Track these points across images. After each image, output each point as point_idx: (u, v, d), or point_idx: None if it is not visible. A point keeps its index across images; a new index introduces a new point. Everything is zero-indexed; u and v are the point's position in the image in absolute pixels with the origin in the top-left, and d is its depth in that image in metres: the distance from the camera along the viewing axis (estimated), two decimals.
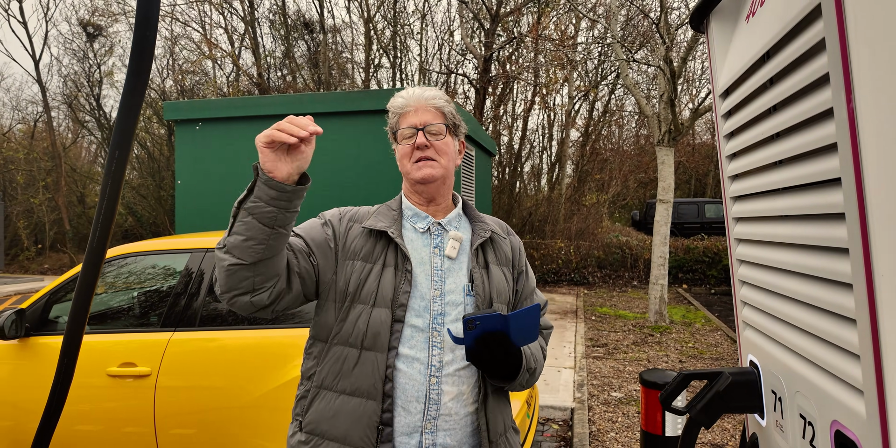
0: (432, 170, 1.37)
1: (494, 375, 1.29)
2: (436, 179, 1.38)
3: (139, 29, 0.90)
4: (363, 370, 1.28)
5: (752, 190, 1.18)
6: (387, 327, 1.29)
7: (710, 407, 1.24)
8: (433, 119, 1.39)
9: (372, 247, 1.35)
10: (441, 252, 1.38)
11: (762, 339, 1.21)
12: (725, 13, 1.32)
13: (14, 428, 2.79)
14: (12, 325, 2.72)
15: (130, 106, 0.90)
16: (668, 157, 7.36)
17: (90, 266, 0.96)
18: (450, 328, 1.28)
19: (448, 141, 1.41)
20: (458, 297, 1.35)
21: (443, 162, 1.39)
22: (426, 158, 1.37)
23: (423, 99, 1.40)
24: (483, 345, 1.20)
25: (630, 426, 3.95)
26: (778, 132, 1.03)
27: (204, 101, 5.34)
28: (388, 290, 1.30)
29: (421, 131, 1.37)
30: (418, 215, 1.42)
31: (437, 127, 1.39)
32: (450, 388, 1.30)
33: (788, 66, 0.95)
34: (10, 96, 30.19)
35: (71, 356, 0.98)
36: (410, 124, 1.38)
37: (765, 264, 1.15)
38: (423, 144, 1.36)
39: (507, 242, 1.50)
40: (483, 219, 1.48)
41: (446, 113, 1.42)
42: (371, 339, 1.28)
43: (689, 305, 9.23)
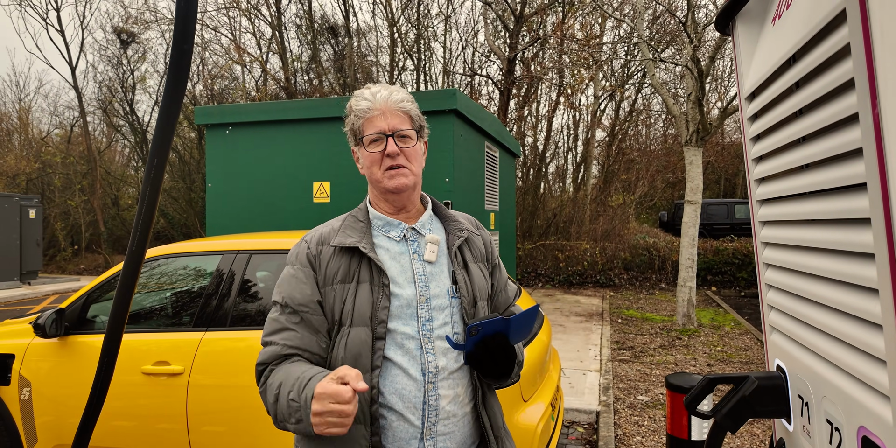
0: (405, 179, 1.32)
1: (491, 375, 1.28)
2: (408, 188, 1.34)
3: (177, 42, 0.93)
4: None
5: (779, 193, 1.17)
6: (368, 346, 1.25)
7: (735, 411, 1.23)
8: (401, 124, 1.33)
9: (347, 265, 1.30)
10: (420, 257, 1.35)
11: (789, 343, 1.21)
12: (752, 15, 1.31)
13: (55, 422, 2.89)
14: (53, 323, 2.83)
15: (169, 115, 0.94)
16: (697, 157, 7.26)
17: (130, 269, 1.00)
18: (448, 336, 1.23)
19: (416, 146, 1.36)
20: (443, 301, 1.32)
21: (414, 169, 1.34)
22: (398, 166, 1.32)
23: (391, 102, 1.32)
24: (484, 348, 1.21)
25: (656, 430, 3.91)
26: (804, 136, 1.03)
27: (234, 106, 5.46)
28: (366, 308, 1.26)
29: (391, 138, 1.31)
30: (390, 224, 1.37)
31: (408, 132, 1.33)
32: (446, 392, 1.28)
33: (814, 70, 0.95)
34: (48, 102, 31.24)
35: (111, 355, 1.02)
36: (378, 129, 1.31)
37: (791, 268, 1.14)
38: (395, 152, 1.31)
39: (479, 238, 1.48)
40: (455, 217, 1.45)
41: (413, 116, 1.36)
42: (352, 361, 1.24)
43: (719, 308, 9.07)
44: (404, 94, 1.36)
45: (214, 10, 17.08)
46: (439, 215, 1.47)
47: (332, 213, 4.92)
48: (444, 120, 4.64)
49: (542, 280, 12.09)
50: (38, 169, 18.09)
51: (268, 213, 5.20)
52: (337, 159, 4.99)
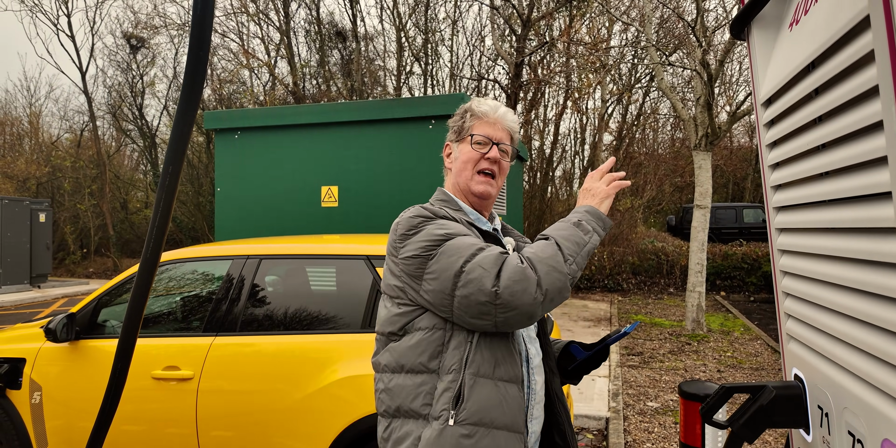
0: (490, 188, 1.42)
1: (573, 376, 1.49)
2: (491, 197, 1.44)
3: (193, 49, 0.93)
4: (515, 357, 1.30)
5: (797, 201, 1.16)
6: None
7: (753, 421, 1.22)
8: (506, 139, 1.45)
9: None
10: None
11: (808, 352, 1.19)
12: (767, 21, 1.30)
13: (66, 426, 2.90)
14: (63, 328, 2.84)
15: (184, 123, 0.94)
16: (706, 161, 7.22)
17: (144, 276, 1.00)
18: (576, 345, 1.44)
19: (507, 165, 1.48)
20: None
21: (499, 183, 1.45)
22: (490, 174, 1.42)
23: (506, 118, 1.45)
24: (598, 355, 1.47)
25: (667, 437, 3.87)
26: (823, 143, 1.02)
27: (242, 111, 5.48)
28: None
29: (496, 146, 1.42)
30: (480, 220, 1.46)
31: (509, 148, 1.45)
32: (538, 378, 1.37)
33: (835, 77, 0.93)
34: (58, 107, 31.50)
35: (124, 361, 1.02)
36: (488, 134, 1.42)
37: (810, 277, 1.12)
38: (496, 158, 1.41)
39: None
40: (512, 231, 1.57)
41: (514, 139, 1.49)
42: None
43: (728, 313, 9.00)
44: (515, 117, 1.50)
45: (223, 16, 17.20)
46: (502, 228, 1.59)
47: (340, 217, 4.93)
48: None
49: None
50: (48, 173, 18.24)
51: (276, 218, 5.21)
52: (345, 163, 5.00)
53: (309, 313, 2.80)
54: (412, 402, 1.25)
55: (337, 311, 2.77)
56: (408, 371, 1.27)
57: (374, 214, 4.78)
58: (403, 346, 1.29)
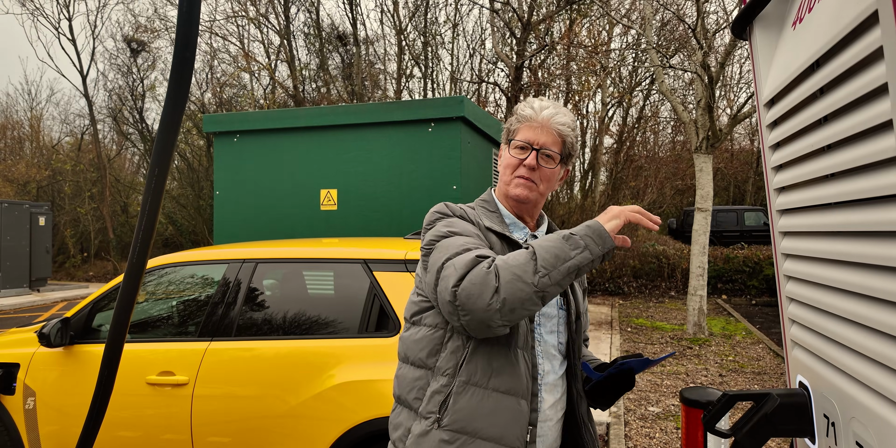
0: (528, 192, 1.36)
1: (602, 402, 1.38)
2: (529, 201, 1.38)
3: (179, 49, 0.91)
4: (518, 369, 1.26)
5: (802, 203, 1.13)
6: (527, 326, 1.30)
7: (756, 430, 1.18)
8: (551, 144, 1.36)
9: (500, 246, 1.35)
10: None
11: (813, 359, 1.16)
12: (770, 20, 1.27)
13: (60, 432, 2.87)
14: (58, 333, 2.81)
15: (170, 124, 0.91)
16: (707, 164, 7.19)
17: (131, 279, 0.97)
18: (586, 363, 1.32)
19: (555, 170, 1.39)
20: (552, 310, 1.37)
21: (542, 188, 1.38)
22: (528, 179, 1.36)
23: (552, 121, 1.36)
24: (611, 381, 1.33)
25: (668, 442, 3.83)
26: (829, 144, 0.99)
27: (242, 114, 5.46)
28: None
29: (536, 152, 1.35)
30: (516, 224, 1.43)
31: (552, 154, 1.36)
32: (548, 397, 1.33)
33: (841, 75, 0.90)
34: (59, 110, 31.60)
35: (111, 367, 0.99)
36: (527, 139, 1.36)
37: (816, 281, 1.09)
38: (533, 166, 1.35)
39: None
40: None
41: (567, 142, 1.39)
42: (523, 338, 1.29)
43: (730, 317, 8.96)
44: (568, 119, 1.38)
45: (223, 19, 17.23)
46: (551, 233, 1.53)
47: (339, 220, 4.90)
48: (452, 127, 4.62)
49: None
50: (48, 176, 18.24)
51: (275, 221, 5.18)
52: (344, 167, 4.98)
53: (306, 318, 2.77)
54: (408, 393, 1.31)
55: (334, 315, 2.74)
56: (411, 363, 1.33)
57: (374, 218, 4.75)
58: (410, 339, 1.34)
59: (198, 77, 16.82)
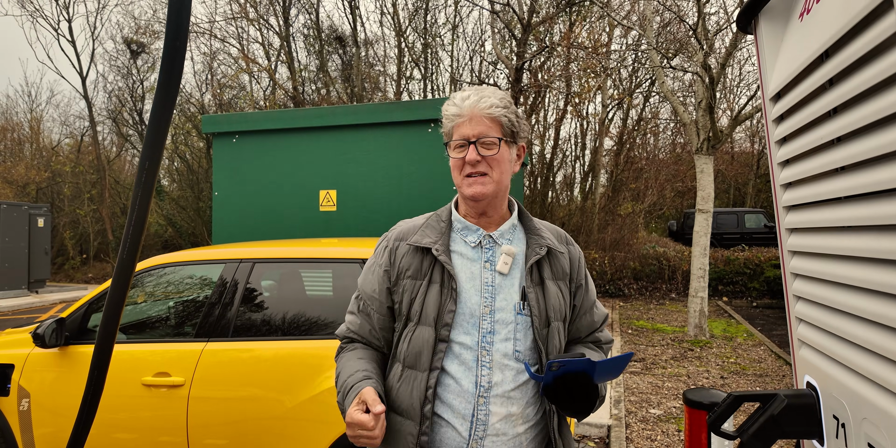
0: (483, 187, 1.29)
1: (568, 410, 1.23)
2: (486, 197, 1.30)
3: (170, 40, 0.88)
4: (404, 388, 1.28)
5: (809, 199, 1.10)
6: (430, 346, 1.26)
7: (763, 431, 1.16)
8: (488, 131, 1.29)
9: (420, 263, 1.32)
10: (492, 267, 1.32)
11: (821, 359, 1.13)
12: (776, 12, 1.25)
13: (55, 434, 2.83)
14: (53, 333, 2.77)
15: (160, 118, 0.88)
16: (708, 165, 7.17)
17: (120, 277, 0.94)
18: (527, 363, 1.21)
19: (503, 152, 1.31)
20: (507, 316, 1.29)
21: (495, 176, 1.30)
22: (477, 174, 1.30)
23: (478, 109, 1.29)
24: (563, 384, 1.18)
25: (670, 445, 3.79)
26: (839, 136, 0.96)
27: (240, 115, 5.44)
28: (433, 308, 1.27)
29: (473, 145, 1.28)
30: (468, 228, 1.35)
31: (491, 140, 1.29)
32: (498, 409, 1.25)
33: (852, 64, 0.88)
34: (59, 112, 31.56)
35: (102, 368, 0.96)
36: (463, 136, 1.29)
37: (824, 279, 1.06)
38: (475, 160, 1.28)
39: (564, 255, 1.40)
40: (539, 230, 1.39)
41: (503, 122, 1.31)
42: (413, 358, 1.27)
43: (730, 319, 8.92)
44: (495, 99, 1.30)
45: (223, 21, 17.23)
46: (525, 226, 1.41)
47: (338, 221, 4.87)
48: None
49: None
50: (47, 178, 18.22)
51: (274, 222, 5.15)
52: (343, 167, 4.95)
53: (304, 318, 2.74)
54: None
55: (333, 316, 2.71)
56: None
57: (373, 218, 4.72)
58: None
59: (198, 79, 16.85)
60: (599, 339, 1.48)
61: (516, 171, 1.38)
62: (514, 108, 1.33)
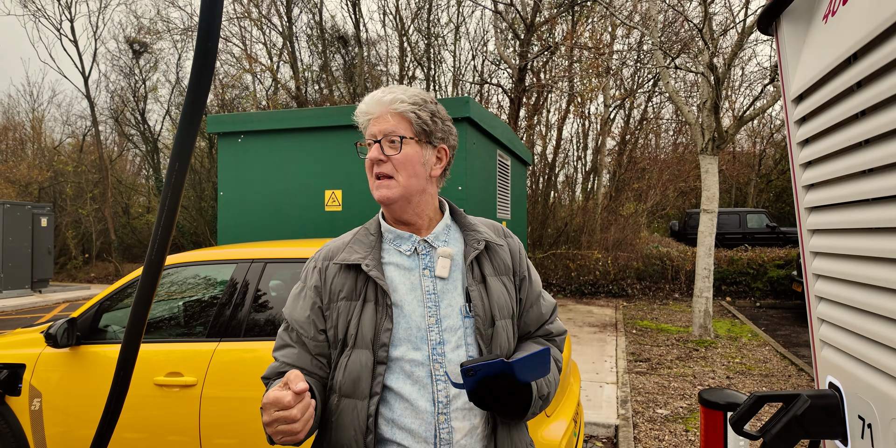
0: (388, 191, 1.20)
1: (502, 414, 1.17)
2: (393, 201, 1.21)
3: (201, 40, 0.89)
4: (342, 421, 1.16)
5: (833, 200, 1.10)
6: (368, 371, 1.15)
7: (786, 432, 1.16)
8: (394, 128, 1.20)
9: (353, 282, 1.22)
10: (432, 273, 1.23)
11: (846, 359, 1.13)
12: (798, 14, 1.25)
13: (66, 434, 2.84)
14: (64, 333, 2.78)
15: (190, 117, 0.89)
16: (712, 165, 7.17)
17: (149, 276, 0.95)
18: (447, 372, 1.14)
19: (408, 153, 1.21)
20: (455, 322, 1.21)
21: (401, 179, 1.20)
22: (381, 176, 1.21)
23: (383, 104, 1.20)
24: (485, 388, 1.08)
25: (678, 445, 3.80)
26: (867, 139, 0.96)
27: (246, 114, 5.44)
28: (369, 329, 1.17)
29: (377, 143, 1.20)
30: (401, 237, 1.26)
31: (394, 138, 1.20)
32: (460, 424, 1.17)
33: (882, 67, 0.88)
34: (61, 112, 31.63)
35: (127, 368, 0.97)
36: (370, 134, 1.22)
37: (848, 279, 1.07)
38: (375, 158, 1.20)
39: (504, 248, 1.33)
40: (475, 226, 1.31)
41: (411, 119, 1.21)
42: (350, 386, 1.16)
43: (734, 319, 8.93)
44: (403, 96, 1.21)
45: (226, 21, 17.24)
46: (459, 224, 1.33)
47: (343, 221, 4.88)
48: (457, 128, 4.57)
49: (553, 290, 11.99)
50: (50, 178, 18.24)
51: (279, 222, 5.16)
52: (349, 167, 4.95)
53: None
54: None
55: None
56: None
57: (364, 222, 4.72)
58: None
59: None
60: (550, 332, 1.39)
61: (436, 175, 1.27)
62: (431, 106, 1.25)
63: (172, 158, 0.91)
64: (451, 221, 1.34)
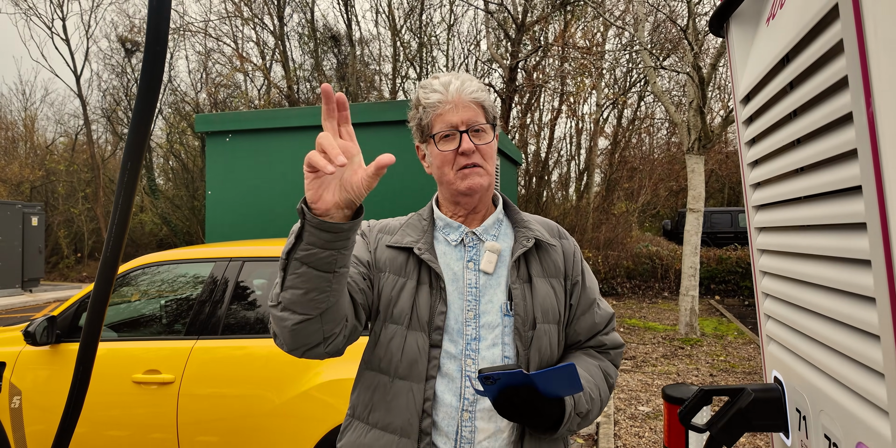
0: (480, 179, 1.17)
1: (529, 426, 1.08)
2: (483, 189, 1.19)
3: (150, 44, 0.91)
4: (398, 403, 1.13)
5: (774, 198, 1.14)
6: (425, 354, 1.13)
7: (731, 425, 1.19)
8: (476, 117, 1.17)
9: (404, 261, 1.19)
10: (476, 266, 1.20)
11: (786, 354, 1.16)
12: (746, 17, 1.28)
13: (46, 431, 2.85)
14: (44, 331, 2.79)
15: (142, 119, 0.91)
16: (699, 164, 7.22)
17: (104, 276, 0.97)
18: (469, 375, 1.11)
19: (493, 143, 1.21)
20: (494, 318, 1.17)
21: (489, 168, 1.20)
22: (473, 165, 1.17)
23: (464, 93, 1.17)
24: (507, 398, 1.01)
25: (657, 441, 3.84)
26: (798, 138, 0.99)
27: (234, 114, 5.45)
28: (425, 311, 1.14)
29: (465, 134, 1.16)
30: (450, 226, 1.24)
31: (483, 127, 1.18)
32: (485, 425, 1.12)
33: (807, 69, 0.91)
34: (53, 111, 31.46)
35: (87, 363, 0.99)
36: (450, 124, 1.16)
37: (787, 276, 1.10)
38: (471, 150, 1.16)
39: (557, 249, 1.27)
40: (527, 223, 1.27)
41: (487, 107, 1.20)
42: (406, 368, 1.13)
43: (722, 317, 8.99)
44: (478, 84, 1.20)
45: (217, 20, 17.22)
46: (512, 219, 1.29)
47: None
48: None
49: None
50: (42, 177, 18.17)
51: (268, 221, 5.17)
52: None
53: None
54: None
55: None
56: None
57: (367, 217, 4.74)
58: None
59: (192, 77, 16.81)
60: (604, 344, 1.30)
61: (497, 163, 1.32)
62: (488, 89, 1.27)
63: (125, 158, 0.93)
64: (504, 216, 1.30)
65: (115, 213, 0.96)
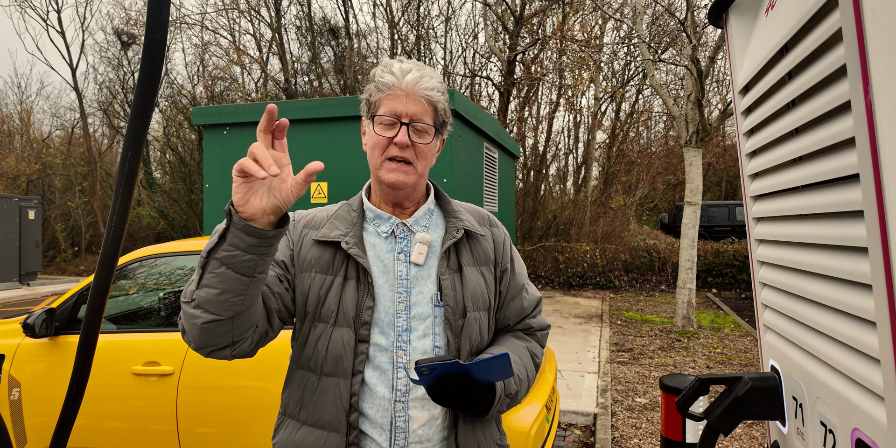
0: (405, 176, 1.16)
1: (462, 411, 1.13)
2: (406, 187, 1.18)
3: (150, 32, 0.91)
4: (324, 399, 1.14)
5: (772, 188, 1.14)
6: (350, 349, 1.13)
7: (728, 413, 1.20)
8: (423, 114, 1.16)
9: (331, 257, 1.18)
10: (407, 258, 1.20)
11: (783, 343, 1.17)
12: (745, 7, 1.28)
13: (45, 423, 2.86)
14: (43, 323, 2.80)
15: (142, 107, 0.91)
16: (696, 158, 7.23)
17: (105, 265, 0.97)
18: (403, 367, 1.13)
19: (432, 144, 1.20)
20: (425, 310, 1.18)
21: (419, 167, 1.18)
22: (402, 160, 1.16)
23: (419, 87, 1.15)
24: (443, 386, 1.04)
25: (654, 433, 3.87)
26: (797, 128, 1.00)
27: (231, 106, 5.43)
28: (351, 307, 1.14)
29: (406, 126, 1.15)
30: (380, 217, 1.23)
31: (425, 127, 1.17)
32: (419, 414, 1.15)
33: (806, 58, 0.91)
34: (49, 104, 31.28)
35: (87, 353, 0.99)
36: (394, 112, 1.14)
37: (785, 265, 1.11)
38: (405, 144, 1.14)
39: (487, 237, 1.29)
40: (458, 213, 1.27)
41: (439, 109, 1.20)
42: (332, 364, 1.14)
43: (719, 310, 9.03)
44: (436, 83, 1.18)
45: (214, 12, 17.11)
46: (443, 209, 1.29)
47: None
48: None
49: (541, 282, 12.06)
50: (38, 170, 18.10)
51: None
52: (335, 160, 4.96)
53: None
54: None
55: None
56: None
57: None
58: None
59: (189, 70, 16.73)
60: (531, 326, 1.34)
61: (432, 165, 1.26)
62: (447, 96, 1.23)
63: (125, 148, 0.93)
64: (435, 206, 1.30)
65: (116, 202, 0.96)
